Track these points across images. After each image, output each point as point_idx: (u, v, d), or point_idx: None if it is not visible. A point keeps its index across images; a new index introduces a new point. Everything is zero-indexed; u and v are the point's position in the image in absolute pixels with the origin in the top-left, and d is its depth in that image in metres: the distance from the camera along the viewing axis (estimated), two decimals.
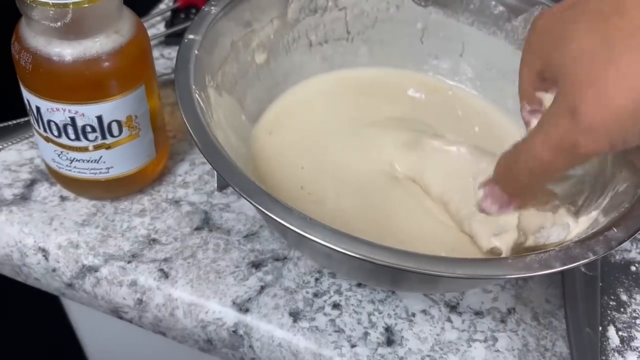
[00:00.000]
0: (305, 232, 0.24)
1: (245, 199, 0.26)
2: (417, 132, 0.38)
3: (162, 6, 0.54)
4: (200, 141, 0.28)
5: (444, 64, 0.44)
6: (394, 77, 0.44)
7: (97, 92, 0.31)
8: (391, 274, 0.30)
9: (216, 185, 0.39)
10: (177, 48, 0.49)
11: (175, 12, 0.52)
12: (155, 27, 0.51)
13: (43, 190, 0.37)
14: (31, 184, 0.38)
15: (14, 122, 0.41)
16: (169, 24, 0.51)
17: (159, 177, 0.39)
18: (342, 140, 0.39)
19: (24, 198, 0.37)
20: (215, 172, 0.39)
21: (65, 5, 0.28)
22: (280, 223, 0.25)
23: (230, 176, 0.26)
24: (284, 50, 0.41)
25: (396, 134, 0.38)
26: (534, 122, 0.30)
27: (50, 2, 0.27)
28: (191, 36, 0.33)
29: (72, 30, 0.29)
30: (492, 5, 0.41)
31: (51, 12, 0.28)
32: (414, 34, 0.44)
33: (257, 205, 0.25)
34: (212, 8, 0.35)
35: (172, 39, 0.50)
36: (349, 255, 0.24)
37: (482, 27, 0.42)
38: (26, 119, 0.41)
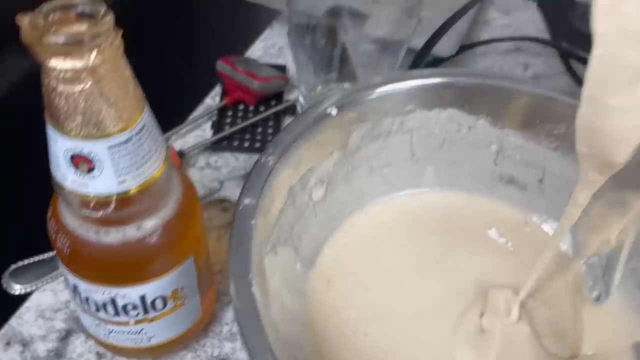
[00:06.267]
0: None
1: None
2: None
3: (208, 100, 0.50)
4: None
5: (520, 190, 0.40)
6: (466, 208, 0.40)
7: (140, 274, 0.27)
8: None
9: None
10: (223, 154, 0.46)
11: (222, 110, 0.48)
12: (201, 127, 0.48)
13: (79, 344, 0.34)
14: (66, 336, 0.34)
15: (50, 254, 0.38)
16: (216, 124, 0.47)
17: (205, 327, 0.35)
18: (412, 298, 0.35)
19: (58, 355, 0.34)
20: None
21: (109, 196, 0.24)
22: None
23: None
24: (343, 180, 0.37)
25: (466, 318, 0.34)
26: None
27: (92, 194, 0.24)
28: (247, 200, 0.29)
29: (115, 217, 0.25)
30: None
31: (92, 203, 0.24)
32: (486, 155, 0.39)
33: None
34: (270, 158, 0.31)
35: (219, 144, 0.46)
36: None
37: (567, 153, 0.37)
38: None
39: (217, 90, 0.50)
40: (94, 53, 0.20)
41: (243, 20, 0.52)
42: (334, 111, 0.34)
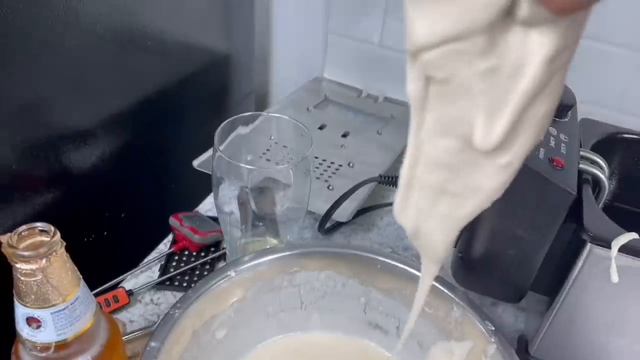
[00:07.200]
0: None
1: None
2: None
3: (161, 246, 0.63)
4: None
5: (383, 334, 0.51)
6: (342, 346, 0.51)
7: None
8: None
9: None
10: (165, 293, 0.59)
11: (169, 255, 0.62)
12: (151, 269, 0.61)
13: None
14: None
15: None
16: (163, 267, 0.60)
17: None
18: None
19: None
20: None
21: (50, 343, 0.36)
22: None
23: None
24: (243, 322, 0.49)
25: None
26: None
27: (39, 342, 0.36)
28: (153, 344, 0.41)
29: (55, 357, 0.37)
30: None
31: (39, 347, 0.37)
32: (358, 306, 0.52)
33: None
34: (177, 311, 0.44)
35: (163, 284, 0.59)
36: None
37: None
38: None
39: (170, 237, 0.64)
40: (44, 260, 0.33)
41: (198, 179, 0.67)
42: (233, 274, 0.47)
